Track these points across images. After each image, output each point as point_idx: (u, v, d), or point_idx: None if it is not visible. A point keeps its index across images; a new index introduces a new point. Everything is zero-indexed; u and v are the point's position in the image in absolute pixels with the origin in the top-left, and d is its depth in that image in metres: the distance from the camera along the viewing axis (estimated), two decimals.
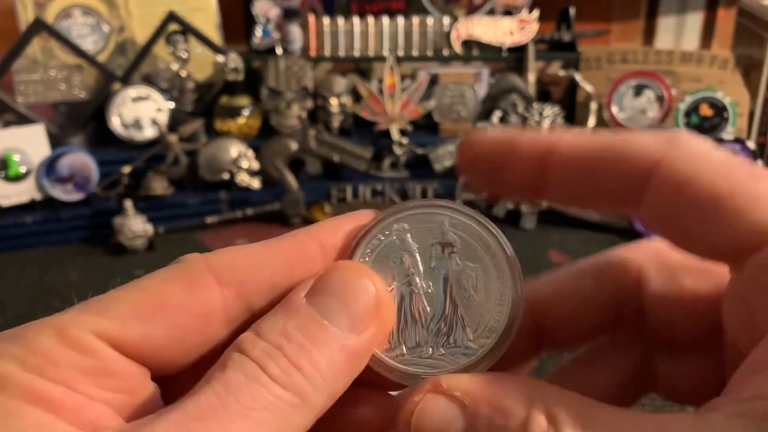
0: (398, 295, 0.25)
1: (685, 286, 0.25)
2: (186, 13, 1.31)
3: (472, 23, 1.35)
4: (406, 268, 0.25)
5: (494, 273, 0.25)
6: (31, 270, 1.05)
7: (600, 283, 0.27)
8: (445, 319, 0.25)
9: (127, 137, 1.24)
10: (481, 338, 0.24)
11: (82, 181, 1.15)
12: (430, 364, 0.24)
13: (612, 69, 1.30)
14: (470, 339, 0.24)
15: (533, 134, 0.24)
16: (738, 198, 0.21)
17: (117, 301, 0.22)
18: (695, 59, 1.29)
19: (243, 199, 1.19)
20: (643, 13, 1.46)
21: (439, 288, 0.25)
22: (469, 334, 0.24)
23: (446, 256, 0.25)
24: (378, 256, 0.25)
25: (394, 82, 1.27)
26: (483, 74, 1.37)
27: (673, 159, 0.22)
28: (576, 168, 0.24)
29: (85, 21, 1.33)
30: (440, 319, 0.25)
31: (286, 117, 1.27)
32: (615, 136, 0.23)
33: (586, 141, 0.23)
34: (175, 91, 1.29)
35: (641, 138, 0.23)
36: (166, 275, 0.23)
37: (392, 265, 0.25)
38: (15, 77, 1.24)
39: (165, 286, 0.23)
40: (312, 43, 1.35)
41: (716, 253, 0.22)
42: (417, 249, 0.25)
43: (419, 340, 0.24)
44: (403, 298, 0.25)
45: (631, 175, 0.23)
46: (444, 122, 1.30)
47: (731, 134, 1.23)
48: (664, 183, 0.22)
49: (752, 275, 0.21)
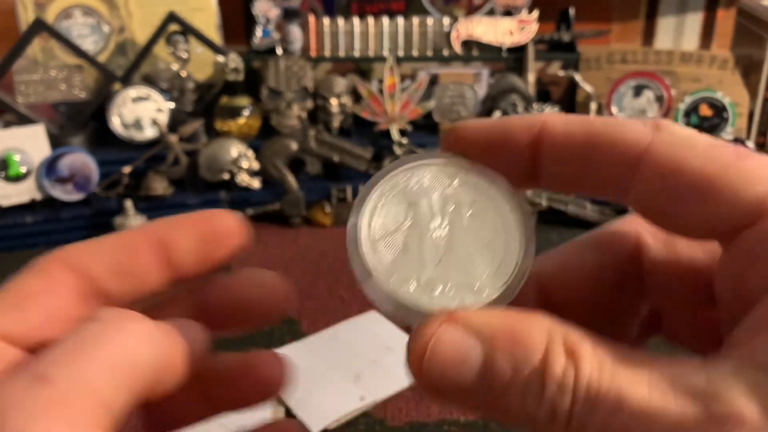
0: (411, 233, 0.25)
1: (681, 252, 0.26)
2: (186, 14, 1.31)
3: (472, 23, 1.35)
4: (422, 209, 0.25)
5: (508, 219, 0.25)
6: None
7: (601, 254, 0.27)
8: (458, 259, 0.25)
9: (127, 137, 1.24)
10: (491, 282, 0.25)
11: (82, 181, 1.15)
12: (439, 302, 0.24)
13: (611, 69, 1.31)
14: (480, 281, 0.25)
15: (523, 117, 0.25)
16: (727, 177, 0.21)
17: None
18: (695, 59, 1.29)
19: (243, 199, 1.19)
20: (643, 14, 1.47)
21: (453, 230, 0.25)
22: (480, 275, 0.25)
23: (463, 204, 0.25)
24: (395, 197, 0.25)
25: (394, 82, 1.27)
26: (483, 74, 1.37)
27: (660, 143, 0.22)
28: (567, 150, 0.24)
29: (86, 21, 1.33)
30: (452, 260, 0.25)
31: (286, 117, 1.27)
32: (604, 120, 0.24)
33: (576, 122, 0.24)
34: (176, 91, 1.30)
35: (628, 124, 0.23)
36: (26, 271, 0.24)
37: (407, 207, 0.25)
38: (15, 77, 1.24)
39: (23, 278, 0.24)
40: (312, 43, 1.36)
41: (708, 232, 0.23)
42: (435, 193, 0.26)
43: (430, 277, 0.25)
44: (415, 237, 0.25)
45: (619, 160, 0.23)
46: (444, 122, 1.30)
47: (731, 134, 1.24)
48: (652, 167, 0.22)
49: (746, 248, 0.22)
